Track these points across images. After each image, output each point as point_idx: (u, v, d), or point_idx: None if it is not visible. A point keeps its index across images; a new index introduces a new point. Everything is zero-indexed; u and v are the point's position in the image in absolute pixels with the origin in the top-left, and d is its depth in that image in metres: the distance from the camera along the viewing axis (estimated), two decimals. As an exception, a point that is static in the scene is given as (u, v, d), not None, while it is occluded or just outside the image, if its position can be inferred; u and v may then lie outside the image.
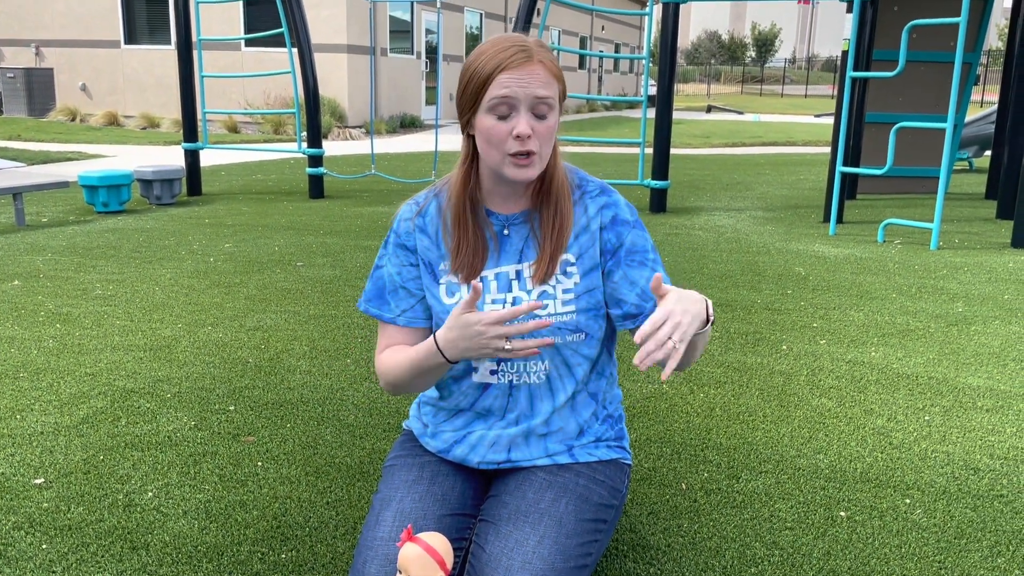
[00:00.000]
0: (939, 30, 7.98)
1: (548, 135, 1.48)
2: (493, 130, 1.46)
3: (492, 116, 1.45)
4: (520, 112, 1.44)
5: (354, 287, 4.50)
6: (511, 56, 1.43)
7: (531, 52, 1.45)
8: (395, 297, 1.64)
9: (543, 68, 1.45)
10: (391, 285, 1.64)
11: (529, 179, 1.49)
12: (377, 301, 1.66)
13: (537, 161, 1.49)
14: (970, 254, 5.60)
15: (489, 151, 1.49)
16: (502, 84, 1.43)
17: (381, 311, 1.65)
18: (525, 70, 1.43)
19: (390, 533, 1.48)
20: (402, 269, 1.63)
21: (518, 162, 1.47)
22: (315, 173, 7.94)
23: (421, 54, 19.41)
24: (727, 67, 67.36)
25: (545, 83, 1.45)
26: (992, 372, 3.27)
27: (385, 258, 1.66)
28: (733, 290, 4.52)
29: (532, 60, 1.44)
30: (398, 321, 1.63)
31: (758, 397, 2.99)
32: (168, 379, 3.11)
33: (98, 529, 2.06)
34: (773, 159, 12.95)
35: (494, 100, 1.44)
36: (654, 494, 2.27)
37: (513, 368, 1.59)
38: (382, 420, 2.75)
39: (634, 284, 1.56)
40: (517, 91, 1.43)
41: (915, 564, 1.95)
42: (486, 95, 1.44)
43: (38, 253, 5.29)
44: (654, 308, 1.54)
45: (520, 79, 1.43)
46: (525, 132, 1.44)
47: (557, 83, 1.48)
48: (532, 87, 1.43)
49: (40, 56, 17.69)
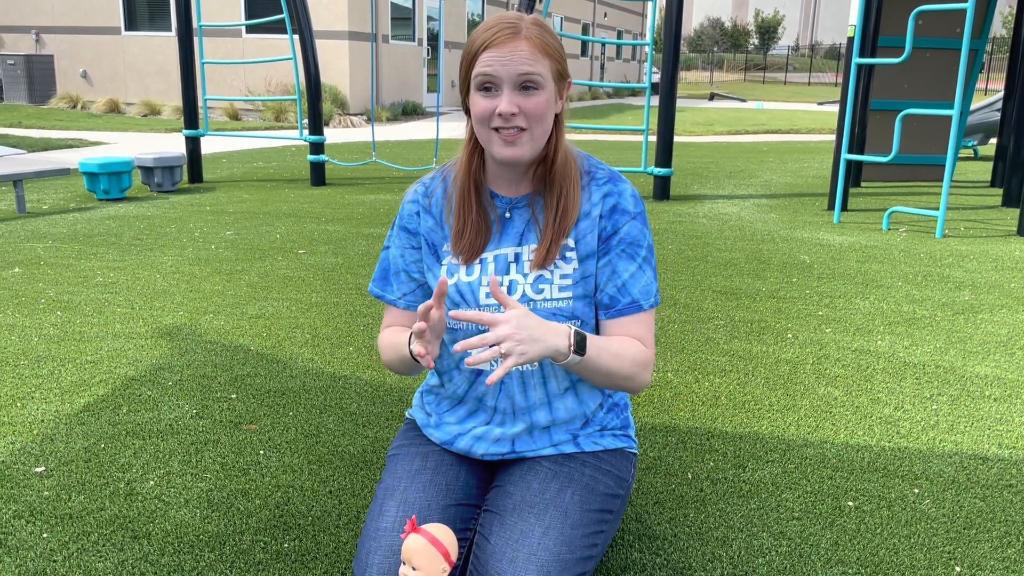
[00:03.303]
0: (945, 16, 7.91)
1: (537, 113, 1.45)
2: (478, 107, 1.46)
3: (479, 94, 1.46)
4: (503, 90, 1.43)
5: (356, 274, 4.48)
6: (495, 34, 1.43)
7: (518, 29, 1.44)
8: (397, 280, 1.66)
9: (528, 44, 1.43)
10: (394, 268, 1.66)
11: (518, 158, 1.47)
12: (381, 282, 1.68)
13: (527, 139, 1.46)
14: (976, 242, 5.57)
15: (479, 129, 1.49)
16: (484, 62, 1.43)
17: (384, 292, 1.68)
18: (507, 47, 1.42)
19: (394, 523, 1.46)
20: (404, 252, 1.64)
21: (505, 138, 1.45)
22: (316, 160, 7.90)
23: (423, 41, 19.32)
24: (730, 55, 67.11)
25: (529, 59, 1.43)
26: (1000, 361, 3.25)
27: (391, 239, 1.67)
28: (737, 278, 4.50)
29: (517, 36, 1.43)
30: (398, 304, 1.66)
31: (764, 386, 2.97)
32: (169, 367, 3.08)
33: (99, 518, 2.04)
34: (776, 147, 12.89)
35: (479, 78, 1.45)
36: (659, 483, 2.25)
37: None
38: (385, 408, 2.73)
39: (616, 275, 1.55)
40: (499, 69, 1.42)
41: (924, 554, 1.93)
42: (472, 73, 1.45)
43: (39, 240, 5.27)
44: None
45: (501, 56, 1.42)
46: (506, 110, 1.43)
47: (548, 59, 1.45)
48: (513, 64, 1.42)
49: (40, 43, 17.62)
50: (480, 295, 1.55)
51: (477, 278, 1.55)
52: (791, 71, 52.83)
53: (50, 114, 15.46)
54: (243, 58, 15.81)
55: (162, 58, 16.88)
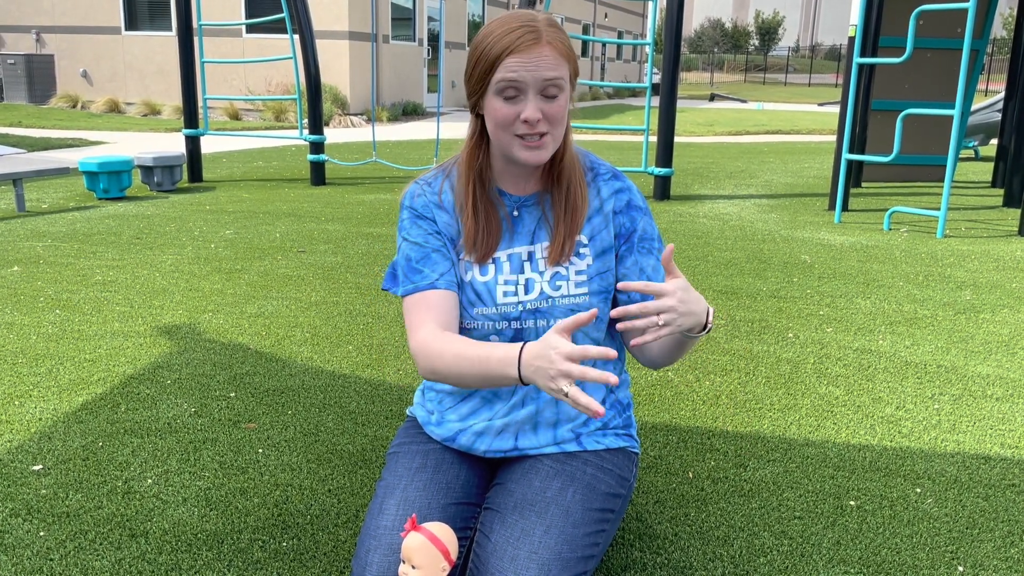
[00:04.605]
0: (946, 16, 7.90)
1: (558, 117, 1.44)
2: (501, 113, 1.43)
3: (500, 99, 1.43)
4: (528, 96, 1.41)
5: (356, 273, 4.46)
6: (519, 38, 1.40)
7: (540, 33, 1.41)
8: (428, 263, 1.52)
9: (551, 49, 1.41)
10: (420, 254, 1.53)
11: (541, 162, 1.47)
12: (412, 275, 1.53)
13: (550, 143, 1.46)
14: (977, 242, 5.56)
15: (498, 133, 1.46)
16: (509, 68, 1.40)
17: (417, 282, 1.51)
18: (533, 53, 1.40)
19: (394, 522, 1.45)
20: (428, 237, 1.54)
21: (528, 144, 1.44)
22: (316, 160, 7.89)
23: (423, 41, 19.31)
24: (730, 55, 67.11)
25: (554, 65, 1.41)
26: (1002, 360, 3.23)
27: (405, 232, 1.57)
28: (738, 277, 4.48)
29: (540, 42, 1.41)
30: (438, 284, 1.51)
31: (765, 385, 2.96)
32: (168, 365, 3.07)
33: (97, 516, 2.03)
34: (777, 147, 12.88)
35: (501, 83, 1.41)
36: (660, 482, 2.23)
37: None
38: (384, 407, 2.72)
39: (643, 272, 1.57)
40: (525, 75, 1.40)
41: (927, 554, 1.92)
42: (493, 78, 1.42)
43: (38, 239, 5.25)
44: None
45: (527, 63, 1.39)
46: (534, 117, 1.41)
47: (567, 63, 1.44)
48: (540, 70, 1.40)
49: (41, 42, 17.61)
50: (498, 294, 1.54)
51: (493, 277, 1.54)
52: (791, 72, 52.84)
53: (50, 114, 15.45)
54: (243, 58, 15.79)
55: (162, 58, 16.87)
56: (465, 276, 1.56)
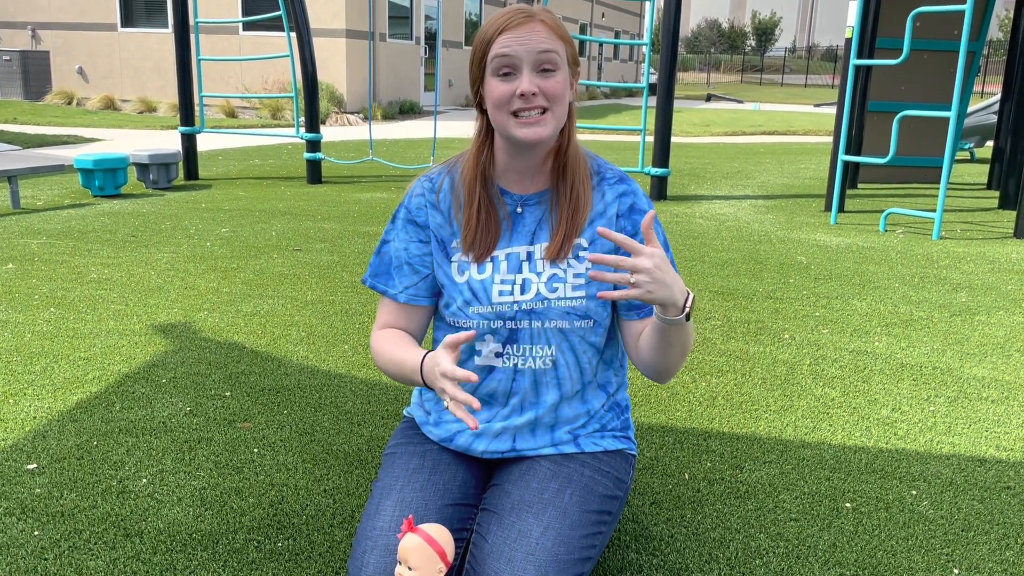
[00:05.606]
0: (943, 18, 7.91)
1: (557, 93, 1.44)
2: (497, 91, 1.44)
3: (496, 78, 1.44)
4: (523, 71, 1.43)
5: (352, 272, 4.46)
6: (510, 17, 1.44)
7: (532, 13, 1.45)
8: (399, 273, 1.61)
9: (544, 26, 1.44)
10: (396, 260, 1.61)
11: (540, 138, 1.45)
12: (383, 276, 1.63)
13: (550, 120, 1.45)
14: (972, 244, 5.57)
15: (497, 115, 1.47)
16: (502, 43, 1.43)
17: (386, 286, 1.62)
18: (525, 28, 1.43)
19: (390, 523, 1.45)
20: (409, 245, 1.60)
21: (526, 121, 1.44)
22: (313, 158, 7.88)
23: (420, 40, 19.29)
24: (727, 56, 67.18)
25: (547, 39, 1.43)
26: (997, 363, 3.24)
27: (392, 233, 1.63)
28: (734, 278, 4.49)
29: (533, 19, 1.44)
30: (399, 298, 1.61)
31: (761, 386, 2.96)
32: (163, 364, 3.06)
33: (91, 516, 2.02)
34: (773, 148, 12.89)
35: (496, 61, 1.43)
36: (656, 484, 2.23)
37: (519, 352, 1.55)
38: (381, 407, 2.72)
39: None
40: (517, 49, 1.42)
41: (922, 556, 1.92)
42: (488, 56, 1.44)
43: (33, 236, 5.24)
44: None
45: (519, 37, 1.42)
46: (529, 90, 1.42)
47: (563, 42, 1.46)
48: (532, 43, 1.42)
49: (36, 39, 17.56)
50: (493, 293, 1.54)
51: (489, 276, 1.54)
52: (788, 73, 52.89)
53: (46, 110, 15.40)
54: (240, 55, 15.77)
55: (158, 55, 16.83)
56: (462, 275, 1.56)
